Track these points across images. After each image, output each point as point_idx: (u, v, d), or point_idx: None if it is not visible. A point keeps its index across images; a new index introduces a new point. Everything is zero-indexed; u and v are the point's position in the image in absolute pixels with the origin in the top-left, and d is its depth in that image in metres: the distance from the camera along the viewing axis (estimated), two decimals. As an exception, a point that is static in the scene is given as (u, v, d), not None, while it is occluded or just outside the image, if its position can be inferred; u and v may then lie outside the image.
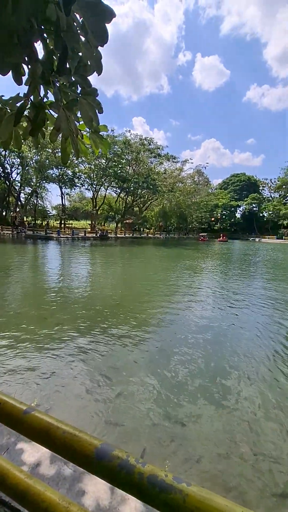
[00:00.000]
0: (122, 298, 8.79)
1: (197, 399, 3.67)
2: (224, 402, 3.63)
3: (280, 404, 3.64)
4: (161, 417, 3.28)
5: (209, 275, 14.68)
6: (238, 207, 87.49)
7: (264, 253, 33.25)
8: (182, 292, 9.88)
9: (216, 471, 2.59)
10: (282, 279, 14.40)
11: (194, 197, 65.91)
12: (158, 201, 59.77)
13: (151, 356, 4.88)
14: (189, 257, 24.22)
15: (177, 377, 4.17)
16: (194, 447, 2.87)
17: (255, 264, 21.17)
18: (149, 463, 0.60)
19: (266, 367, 4.60)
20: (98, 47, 1.16)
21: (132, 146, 47.81)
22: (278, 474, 2.60)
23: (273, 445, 2.94)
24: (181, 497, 0.53)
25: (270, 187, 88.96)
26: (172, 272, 14.66)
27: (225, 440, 2.98)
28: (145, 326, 6.30)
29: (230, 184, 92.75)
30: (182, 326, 6.48)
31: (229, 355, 4.98)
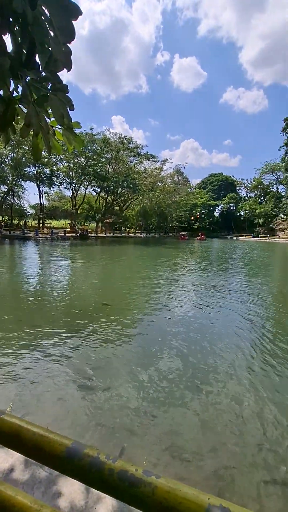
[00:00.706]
0: (102, 297, 8.71)
1: (182, 398, 3.73)
2: (209, 392, 3.72)
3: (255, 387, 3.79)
4: (143, 416, 3.30)
5: (189, 273, 14.91)
6: (216, 206, 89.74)
7: (241, 251, 34.37)
8: (163, 290, 9.96)
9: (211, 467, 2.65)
10: (257, 275, 14.99)
11: (174, 196, 66.65)
12: (138, 200, 59.82)
13: (133, 354, 4.88)
14: (169, 255, 24.48)
15: (161, 373, 4.22)
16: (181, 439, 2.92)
17: (232, 262, 21.82)
18: (121, 459, 0.61)
19: (244, 356, 4.77)
20: (67, 43, 1.14)
21: (112, 144, 47.45)
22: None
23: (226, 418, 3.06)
24: (150, 489, 0.55)
25: (247, 187, 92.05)
26: (153, 270, 14.75)
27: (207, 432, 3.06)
28: (126, 325, 6.29)
29: (208, 183, 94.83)
30: (164, 323, 6.53)
31: (209, 347, 5.11)
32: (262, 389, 3.93)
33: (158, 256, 23.46)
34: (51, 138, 1.51)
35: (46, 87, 1.30)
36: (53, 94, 1.28)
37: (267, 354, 5.11)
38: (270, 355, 5.07)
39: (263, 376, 4.32)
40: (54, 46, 1.16)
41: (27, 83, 1.27)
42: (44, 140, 1.45)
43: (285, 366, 4.65)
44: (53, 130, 1.54)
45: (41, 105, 1.32)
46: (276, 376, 4.31)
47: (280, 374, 4.38)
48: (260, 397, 3.75)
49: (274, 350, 5.29)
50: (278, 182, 78.59)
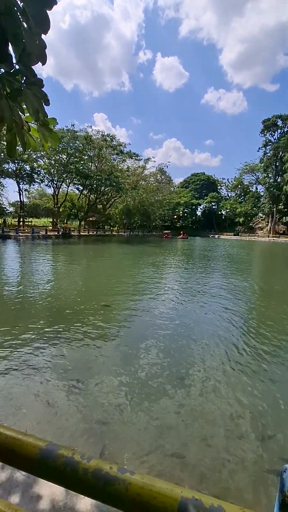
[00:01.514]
0: (85, 296, 8.60)
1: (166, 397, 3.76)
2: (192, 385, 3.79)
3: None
4: (125, 416, 3.30)
5: (172, 270, 15.05)
6: (198, 205, 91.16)
7: (222, 249, 35.17)
8: (147, 288, 9.99)
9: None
10: (237, 272, 15.40)
11: (157, 195, 66.96)
12: (121, 199, 59.54)
13: (117, 352, 4.85)
14: (154, 254, 24.59)
15: (146, 370, 4.23)
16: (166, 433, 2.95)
17: (214, 259, 22.28)
18: (96, 458, 0.61)
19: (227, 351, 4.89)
20: (42, 35, 1.11)
21: (94, 142, 46.84)
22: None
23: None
24: (124, 486, 0.55)
25: (227, 186, 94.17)
26: (137, 268, 14.75)
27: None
28: (110, 323, 6.26)
29: (191, 183, 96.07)
30: (148, 320, 6.55)
31: (193, 341, 5.19)
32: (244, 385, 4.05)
33: (142, 254, 23.49)
34: (26, 134, 1.47)
35: (19, 81, 1.26)
36: (27, 88, 1.25)
37: (247, 348, 5.27)
38: (249, 349, 5.23)
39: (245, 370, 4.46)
40: (27, 38, 1.12)
41: (0, 76, 1.22)
42: (19, 136, 1.41)
43: (262, 359, 4.82)
44: (28, 126, 1.49)
45: (15, 99, 1.28)
46: (253, 371, 4.45)
47: (257, 369, 4.54)
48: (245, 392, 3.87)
49: (253, 344, 5.47)
50: (257, 182, 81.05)
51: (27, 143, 1.48)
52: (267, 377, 4.26)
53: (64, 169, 42.83)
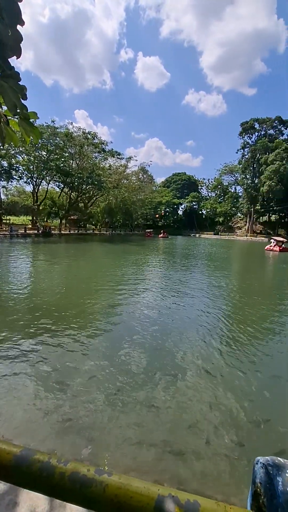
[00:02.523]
0: (66, 295, 8.46)
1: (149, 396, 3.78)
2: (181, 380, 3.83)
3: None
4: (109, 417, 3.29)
5: (154, 269, 15.14)
6: (180, 205, 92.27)
7: (202, 247, 35.88)
8: (129, 287, 9.98)
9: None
10: (216, 270, 15.79)
11: (139, 194, 66.94)
12: (103, 197, 58.95)
13: (98, 352, 4.82)
14: (135, 252, 24.60)
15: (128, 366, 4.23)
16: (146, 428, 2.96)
17: (195, 257, 22.67)
18: (73, 461, 0.61)
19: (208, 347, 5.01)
20: (14, 26, 1.07)
21: (75, 139, 45.97)
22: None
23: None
24: (101, 488, 0.55)
25: (208, 186, 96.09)
26: (119, 267, 14.69)
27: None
28: (92, 323, 6.20)
29: (172, 182, 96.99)
30: (131, 319, 6.56)
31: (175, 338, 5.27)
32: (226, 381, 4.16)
33: (124, 253, 23.42)
34: (5, 127, 1.41)
35: (-5, 73, 1.20)
36: (4, 81, 1.20)
37: (227, 342, 5.42)
38: (230, 343, 5.38)
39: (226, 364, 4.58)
40: (0, 28, 1.08)
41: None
42: (-4, 129, 1.35)
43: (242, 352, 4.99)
44: (7, 119, 1.44)
45: (-10, 92, 1.22)
46: (233, 365, 4.59)
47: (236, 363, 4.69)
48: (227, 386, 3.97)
49: (232, 338, 5.63)
50: (236, 183, 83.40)
51: (8, 136, 1.42)
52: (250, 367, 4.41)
53: (44, 166, 41.68)
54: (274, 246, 34.40)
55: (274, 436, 3.08)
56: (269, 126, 73.33)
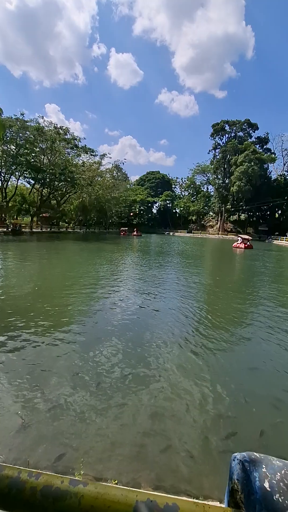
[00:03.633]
0: (39, 295, 8.46)
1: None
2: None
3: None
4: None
5: (130, 266, 15.45)
6: (154, 203, 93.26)
7: (176, 245, 36.88)
8: (104, 285, 10.20)
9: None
10: (189, 267, 16.54)
11: (113, 191, 66.69)
12: (77, 195, 57.94)
13: (71, 353, 4.90)
14: (110, 251, 24.72)
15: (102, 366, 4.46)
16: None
17: (168, 255, 23.37)
18: (45, 473, 0.57)
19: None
20: None
21: (47, 134, 44.65)
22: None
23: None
24: (76, 500, 0.53)
25: (181, 185, 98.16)
26: (93, 266, 14.80)
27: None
28: (66, 322, 6.31)
29: (146, 181, 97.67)
30: (106, 316, 6.78)
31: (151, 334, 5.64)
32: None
33: (99, 251, 23.46)
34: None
35: None
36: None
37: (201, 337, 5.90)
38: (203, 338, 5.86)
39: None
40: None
41: None
42: None
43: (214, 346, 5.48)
44: None
45: None
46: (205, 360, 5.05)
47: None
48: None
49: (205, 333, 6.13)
50: (207, 183, 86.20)
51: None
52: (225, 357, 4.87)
53: (13, 161, 40.08)
54: (240, 243, 36.86)
55: (248, 431, 3.13)
56: (238, 128, 76.54)
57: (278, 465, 0.51)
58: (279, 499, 0.45)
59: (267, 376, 4.30)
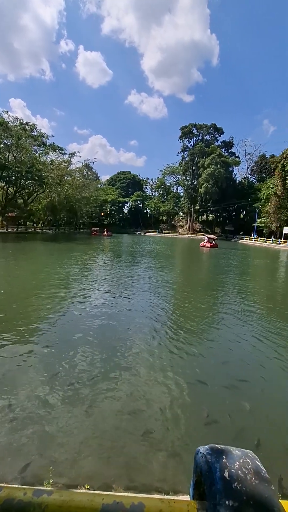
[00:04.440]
0: (5, 297, 8.28)
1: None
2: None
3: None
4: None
5: (101, 266, 15.51)
6: (125, 203, 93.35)
7: (148, 245, 37.42)
8: (75, 285, 10.19)
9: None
10: (159, 266, 17.05)
11: (83, 191, 65.57)
12: (45, 194, 56.09)
13: (38, 359, 4.80)
14: (81, 251, 24.45)
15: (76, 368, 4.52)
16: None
17: (140, 254, 23.75)
18: (7, 486, 0.55)
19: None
20: None
21: (12, 129, 42.69)
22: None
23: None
24: (40, 510, 0.52)
25: (152, 186, 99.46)
26: (63, 267, 14.65)
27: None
28: (35, 324, 6.20)
29: (117, 181, 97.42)
30: (78, 317, 6.69)
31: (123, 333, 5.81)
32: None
33: (69, 252, 23.09)
34: None
35: None
36: None
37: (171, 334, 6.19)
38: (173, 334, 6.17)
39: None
40: None
41: None
42: None
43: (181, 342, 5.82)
44: None
45: None
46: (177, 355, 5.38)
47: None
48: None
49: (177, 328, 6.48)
50: (177, 184, 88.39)
51: None
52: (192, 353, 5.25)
53: (-25, 157, 37.79)
54: (206, 242, 38.89)
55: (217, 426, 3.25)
56: (205, 132, 79.49)
57: (237, 454, 0.53)
58: (237, 487, 0.47)
59: (233, 367, 4.54)
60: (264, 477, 0.50)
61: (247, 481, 0.48)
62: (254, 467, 0.51)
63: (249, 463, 0.51)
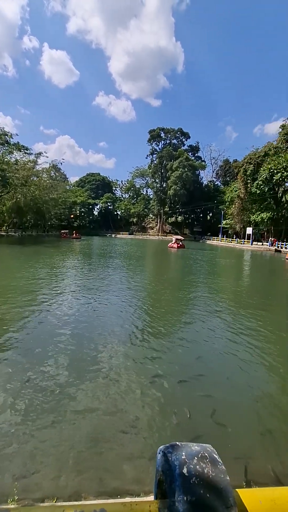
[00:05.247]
0: None
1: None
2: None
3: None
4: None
5: (71, 269, 15.30)
6: (95, 205, 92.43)
7: (119, 247, 37.48)
8: (44, 289, 9.94)
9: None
10: (130, 267, 17.31)
11: (51, 193, 63.68)
12: (10, 195, 53.56)
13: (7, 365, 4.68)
14: (50, 254, 23.83)
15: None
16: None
17: (111, 256, 23.78)
18: None
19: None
20: None
21: None
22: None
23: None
24: None
25: (121, 188, 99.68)
26: (31, 270, 14.22)
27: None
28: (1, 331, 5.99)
29: (86, 182, 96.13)
30: (45, 327, 6.45)
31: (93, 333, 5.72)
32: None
33: (37, 255, 22.35)
34: None
35: None
36: None
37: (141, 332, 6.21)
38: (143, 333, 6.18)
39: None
40: None
41: None
42: None
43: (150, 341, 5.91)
44: None
45: None
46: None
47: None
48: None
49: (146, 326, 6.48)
50: (147, 186, 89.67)
51: None
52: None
53: None
54: (174, 243, 40.34)
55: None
56: (173, 136, 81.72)
57: (196, 449, 0.53)
58: (195, 481, 0.47)
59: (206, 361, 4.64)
60: (220, 468, 0.51)
61: (204, 475, 0.48)
62: (211, 460, 0.51)
63: (207, 457, 0.52)
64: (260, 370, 4.75)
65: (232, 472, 2.48)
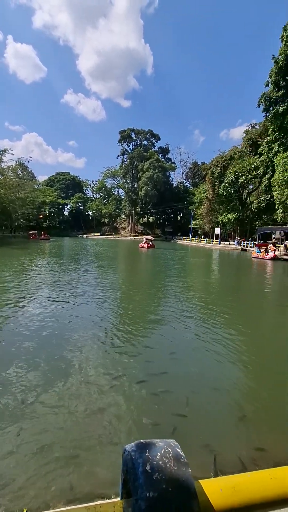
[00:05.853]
0: None
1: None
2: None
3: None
4: None
5: (41, 272, 14.76)
6: (65, 205, 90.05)
7: (90, 248, 36.93)
8: (11, 294, 9.52)
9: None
10: (101, 267, 17.15)
11: (18, 192, 60.82)
12: (-29, 194, 50.28)
13: None
14: (17, 256, 22.76)
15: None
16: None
17: (83, 257, 23.36)
18: None
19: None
20: None
21: None
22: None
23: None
24: None
25: (92, 188, 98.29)
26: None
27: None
28: None
29: (56, 182, 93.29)
30: (15, 334, 6.20)
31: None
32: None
33: (2, 257, 21.25)
34: None
35: None
36: None
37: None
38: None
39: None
40: None
41: None
42: None
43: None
44: None
45: None
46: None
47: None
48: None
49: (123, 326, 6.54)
50: (118, 186, 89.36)
51: None
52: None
53: None
54: (144, 243, 41.02)
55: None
56: (143, 137, 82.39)
57: (159, 445, 0.54)
58: (157, 477, 0.48)
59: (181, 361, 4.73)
60: (182, 462, 0.51)
61: (167, 470, 0.49)
62: (174, 455, 0.52)
63: (170, 452, 0.53)
64: (229, 362, 4.98)
65: (201, 464, 2.68)
